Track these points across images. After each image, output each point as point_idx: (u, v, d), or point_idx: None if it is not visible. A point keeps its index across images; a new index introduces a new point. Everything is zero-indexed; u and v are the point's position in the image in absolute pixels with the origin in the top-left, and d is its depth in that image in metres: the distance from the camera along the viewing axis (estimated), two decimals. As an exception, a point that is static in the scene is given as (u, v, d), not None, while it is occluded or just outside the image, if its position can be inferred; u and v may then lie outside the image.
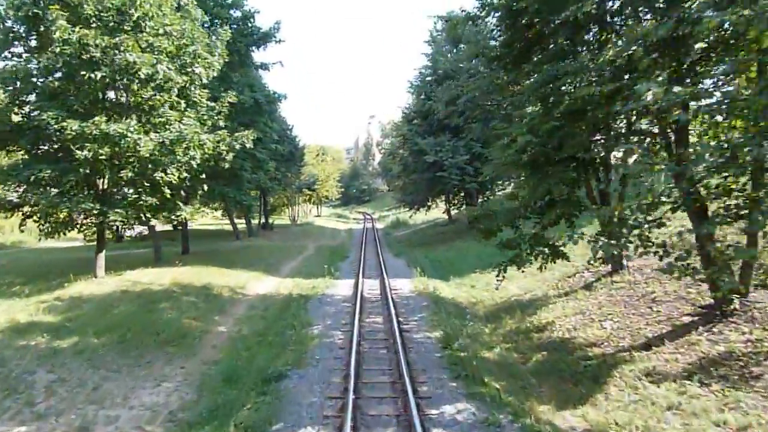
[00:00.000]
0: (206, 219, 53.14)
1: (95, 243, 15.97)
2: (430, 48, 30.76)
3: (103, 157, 12.96)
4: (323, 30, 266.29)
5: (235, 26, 21.45)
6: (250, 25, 21.58)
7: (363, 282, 17.48)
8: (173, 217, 15.97)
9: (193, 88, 15.67)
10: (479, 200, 31.40)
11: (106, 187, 14.92)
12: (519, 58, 10.08)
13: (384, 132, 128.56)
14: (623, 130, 8.70)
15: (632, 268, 13.28)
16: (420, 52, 29.15)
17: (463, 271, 19.64)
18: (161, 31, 14.14)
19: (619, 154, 8.87)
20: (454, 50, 29.36)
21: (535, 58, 9.68)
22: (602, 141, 8.77)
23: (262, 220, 38.17)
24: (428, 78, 29.55)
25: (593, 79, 8.24)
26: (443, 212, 42.19)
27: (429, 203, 33.58)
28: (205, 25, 19.62)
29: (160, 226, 34.05)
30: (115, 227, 18.13)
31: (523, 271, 12.28)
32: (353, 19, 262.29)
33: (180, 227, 22.61)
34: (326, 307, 13.81)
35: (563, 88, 8.96)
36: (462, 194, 33.28)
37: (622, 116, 8.25)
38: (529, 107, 11.01)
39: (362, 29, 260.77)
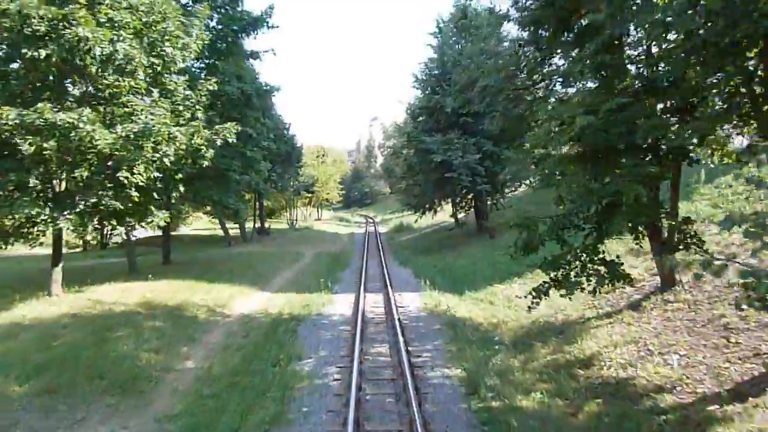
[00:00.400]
0: (200, 223, 51.04)
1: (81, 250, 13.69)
2: (436, 40, 28.54)
3: (49, 152, 10.69)
4: (325, 32, 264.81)
5: (221, 11, 19.24)
6: (238, 9, 19.35)
7: (365, 297, 15.19)
8: (143, 224, 13.69)
9: (166, 74, 13.44)
10: (489, 203, 29.08)
11: (64, 188, 12.67)
12: (564, 18, 7.79)
13: (386, 133, 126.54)
14: (720, 107, 6.38)
15: (688, 284, 10.97)
16: (425, 44, 26.66)
17: (477, 283, 17.30)
18: (124, 3, 11.91)
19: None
20: (463, 41, 27.11)
21: (588, 17, 7.38)
22: (689, 122, 6.43)
23: (258, 225, 35.96)
24: (435, 72, 27.28)
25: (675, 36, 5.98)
26: (450, 216, 39.92)
27: (436, 206, 31.27)
28: (188, 7, 17.41)
29: (145, 232, 31.82)
30: (98, 232, 15.80)
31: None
32: (355, 22, 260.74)
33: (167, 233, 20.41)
34: (321, 332, 11.50)
35: (631, 52, 6.67)
36: (471, 197, 30.99)
37: (722, 87, 5.94)
38: (575, 85, 8.71)
39: (365, 32, 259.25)
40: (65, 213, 11.51)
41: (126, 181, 12.11)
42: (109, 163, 11.92)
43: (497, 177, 26.54)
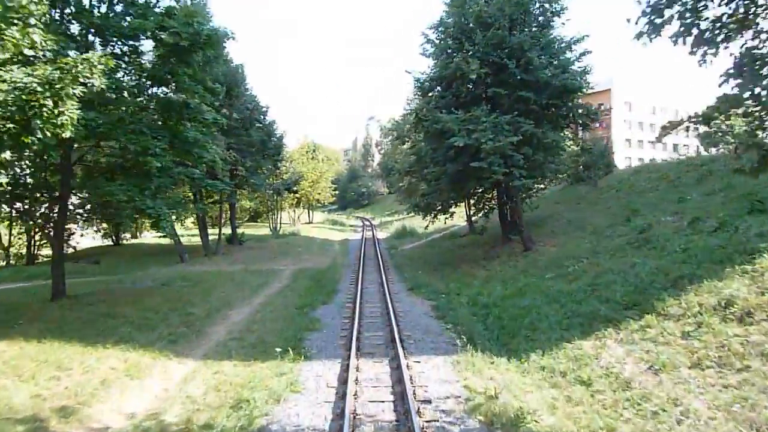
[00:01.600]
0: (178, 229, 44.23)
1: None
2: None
3: None
4: (322, 32, 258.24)
5: None
6: None
7: (358, 367, 8.64)
8: None
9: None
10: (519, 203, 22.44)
11: None
12: None
13: (384, 131, 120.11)
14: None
15: None
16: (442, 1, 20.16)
17: (540, 333, 10.64)
18: None
19: None
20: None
21: None
22: None
23: (239, 233, 29.32)
24: (452, 31, 20.53)
25: None
26: (463, 219, 33.26)
27: (452, 208, 24.67)
28: None
29: (92, 241, 25.59)
30: None
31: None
32: (353, 23, 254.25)
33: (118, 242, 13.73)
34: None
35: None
36: (492, 195, 24.39)
37: None
38: None
39: (362, 33, 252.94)
40: None
41: None
42: None
43: (540, 167, 19.96)
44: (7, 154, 8.61)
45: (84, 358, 8.46)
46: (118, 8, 12.49)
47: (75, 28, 12.31)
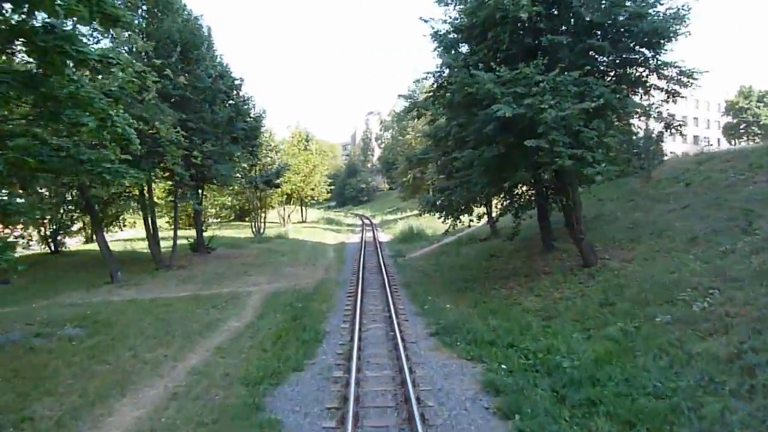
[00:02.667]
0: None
1: None
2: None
3: None
4: (322, 27, 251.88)
5: None
6: None
7: None
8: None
9: None
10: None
11: None
12: None
13: (384, 124, 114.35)
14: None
15: None
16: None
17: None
18: None
19: None
20: None
21: None
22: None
23: (206, 238, 23.56)
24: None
25: None
26: (482, 219, 27.45)
27: (482, 205, 18.91)
28: None
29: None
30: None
31: None
32: (353, 17, 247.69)
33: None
34: None
35: None
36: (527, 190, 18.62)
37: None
38: None
39: (363, 28, 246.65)
40: None
41: None
42: None
43: (612, 149, 14.17)
44: None
45: None
46: None
47: None
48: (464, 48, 15.23)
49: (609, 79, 13.76)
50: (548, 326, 10.91)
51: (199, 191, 22.73)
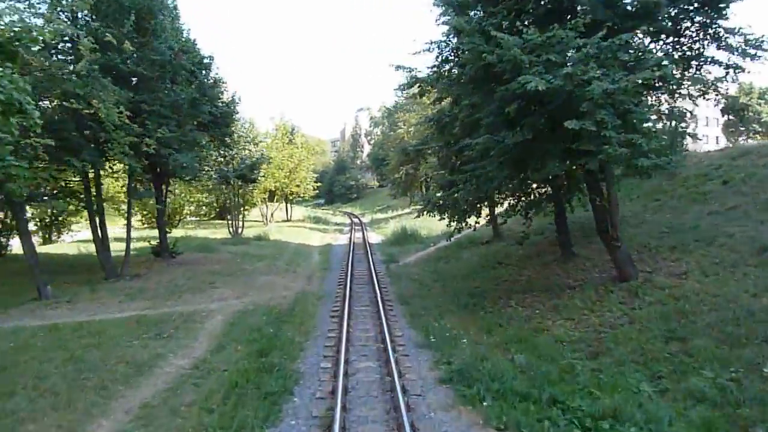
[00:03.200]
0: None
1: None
2: None
3: None
4: (310, 24, 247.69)
5: None
6: None
7: None
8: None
9: None
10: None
11: None
12: None
13: (374, 120, 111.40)
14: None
15: None
16: None
17: None
18: None
19: None
20: None
21: None
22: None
23: (171, 242, 20.49)
24: None
25: None
26: (484, 220, 24.64)
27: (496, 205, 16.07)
28: None
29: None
30: None
31: None
32: (344, 14, 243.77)
33: None
34: None
35: None
36: (539, 187, 15.84)
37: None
38: None
39: (353, 24, 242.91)
40: None
41: None
42: None
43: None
44: None
45: None
46: None
47: None
48: (477, 13, 12.36)
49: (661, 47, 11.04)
50: (598, 369, 8.14)
51: (163, 187, 19.67)
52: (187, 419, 6.69)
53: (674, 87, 10.80)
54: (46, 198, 14.95)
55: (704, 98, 11.93)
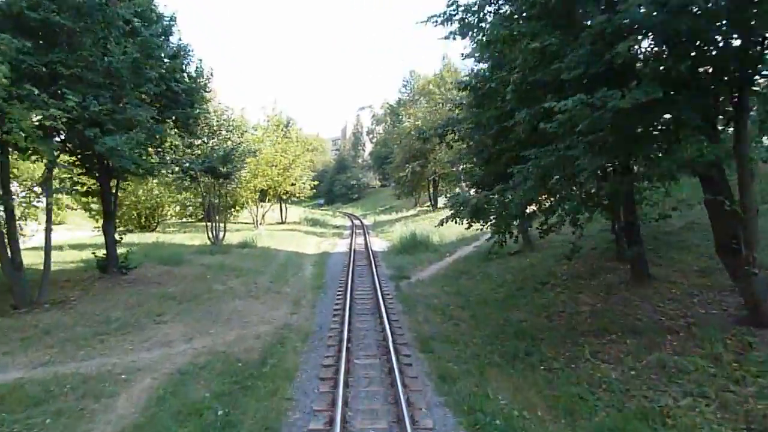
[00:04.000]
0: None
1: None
2: None
3: None
4: (310, 24, 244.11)
5: None
6: None
7: None
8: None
9: None
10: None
11: None
12: None
13: (376, 118, 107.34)
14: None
15: None
16: None
17: None
18: None
19: None
20: None
21: None
22: None
23: (123, 253, 16.26)
24: None
25: None
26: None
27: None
28: None
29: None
30: None
31: None
32: (340, 14, 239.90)
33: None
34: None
35: None
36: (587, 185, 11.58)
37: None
38: None
39: (355, 23, 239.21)
40: None
41: None
42: None
43: None
44: None
45: None
46: None
47: None
48: None
49: None
50: None
51: (114, 182, 15.43)
52: None
53: None
54: None
55: None
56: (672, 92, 5.95)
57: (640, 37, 5.97)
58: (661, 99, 5.89)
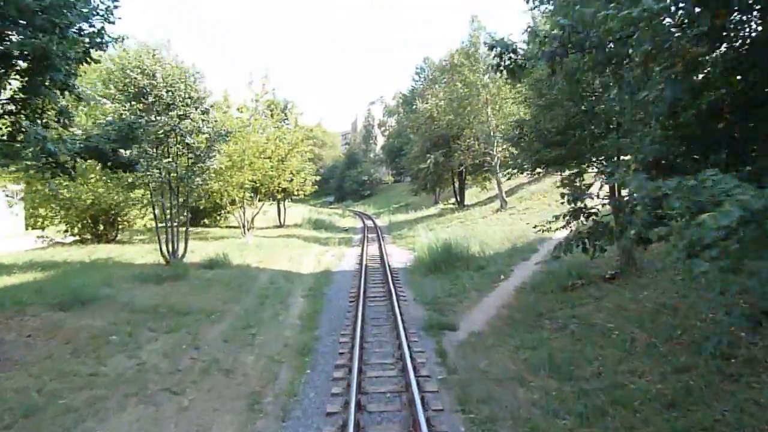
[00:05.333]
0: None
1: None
2: None
3: None
4: (320, 20, 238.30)
5: None
6: None
7: None
8: None
9: None
10: None
11: None
12: None
13: (388, 110, 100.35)
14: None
15: None
16: None
17: None
18: None
19: None
20: None
21: None
22: None
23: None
24: None
25: None
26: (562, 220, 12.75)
27: None
28: None
29: None
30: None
31: None
32: (350, 13, 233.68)
33: None
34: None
35: None
36: None
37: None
38: None
39: (360, 24, 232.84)
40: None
41: None
42: None
43: None
44: None
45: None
46: None
47: None
48: None
49: None
50: None
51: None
52: None
53: None
54: None
55: None
56: None
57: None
58: None
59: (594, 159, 12.95)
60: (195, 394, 7.41)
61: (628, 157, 8.62)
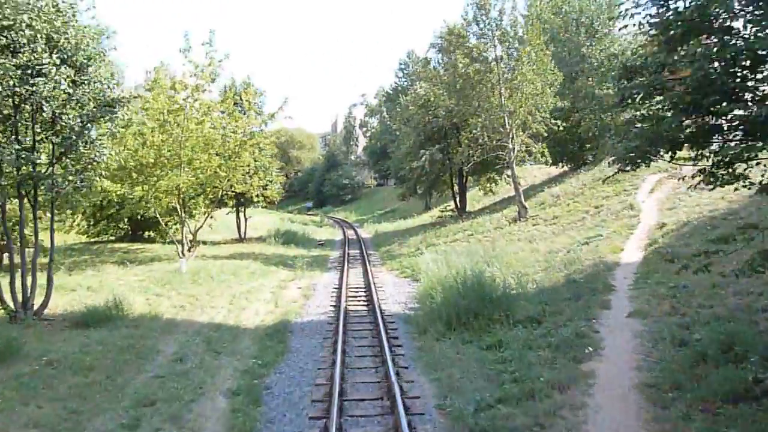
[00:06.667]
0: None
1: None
2: None
3: None
4: (305, 15, 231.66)
5: None
6: None
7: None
8: None
9: None
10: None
11: None
12: None
13: (370, 109, 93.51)
14: None
15: None
16: None
17: None
18: None
19: None
20: None
21: None
22: None
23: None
24: None
25: None
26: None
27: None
28: None
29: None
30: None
31: None
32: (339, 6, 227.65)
33: None
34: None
35: None
36: None
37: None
38: None
39: (346, 15, 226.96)
40: None
41: None
42: None
43: None
44: None
45: None
46: None
47: None
48: None
49: None
50: None
51: None
52: None
53: None
54: None
55: None
56: None
57: None
58: None
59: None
60: None
61: None
